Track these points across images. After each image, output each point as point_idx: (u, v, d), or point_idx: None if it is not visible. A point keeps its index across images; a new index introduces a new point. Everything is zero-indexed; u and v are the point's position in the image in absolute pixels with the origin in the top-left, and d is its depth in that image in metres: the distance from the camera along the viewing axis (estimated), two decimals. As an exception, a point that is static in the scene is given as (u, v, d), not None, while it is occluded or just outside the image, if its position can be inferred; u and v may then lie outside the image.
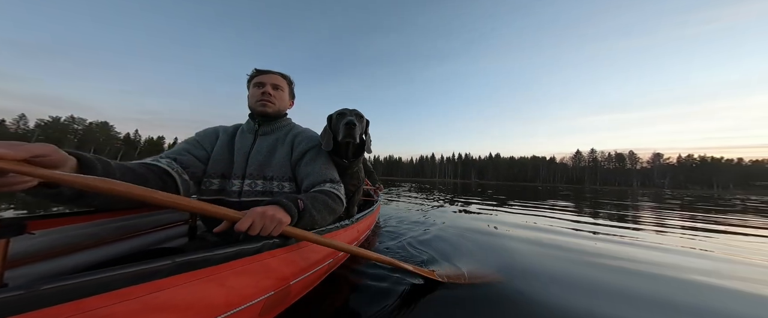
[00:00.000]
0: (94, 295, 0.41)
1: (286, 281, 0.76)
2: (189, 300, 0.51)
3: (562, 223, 3.48)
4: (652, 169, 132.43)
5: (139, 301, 0.45)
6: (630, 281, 1.46)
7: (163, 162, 0.92)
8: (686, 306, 1.20)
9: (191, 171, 0.99)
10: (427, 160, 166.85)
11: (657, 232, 3.12)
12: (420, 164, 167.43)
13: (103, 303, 0.41)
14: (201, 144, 1.08)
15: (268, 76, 1.12)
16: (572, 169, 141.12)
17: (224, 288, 0.58)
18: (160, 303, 0.47)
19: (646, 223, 3.80)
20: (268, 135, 1.14)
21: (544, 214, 4.36)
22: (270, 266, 0.71)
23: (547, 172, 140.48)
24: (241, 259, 0.63)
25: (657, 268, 1.69)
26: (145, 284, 0.46)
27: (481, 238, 2.31)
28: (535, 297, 1.18)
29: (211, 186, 1.03)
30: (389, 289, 1.17)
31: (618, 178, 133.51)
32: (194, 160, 1.02)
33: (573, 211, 4.90)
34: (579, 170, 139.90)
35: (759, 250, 2.39)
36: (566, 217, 4.11)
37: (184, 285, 0.51)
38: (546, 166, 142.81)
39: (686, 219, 4.52)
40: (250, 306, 0.63)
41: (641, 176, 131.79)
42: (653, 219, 4.35)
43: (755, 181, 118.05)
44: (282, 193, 1.04)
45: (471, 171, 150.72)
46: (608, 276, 1.52)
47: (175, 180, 0.92)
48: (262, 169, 1.06)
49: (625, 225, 3.52)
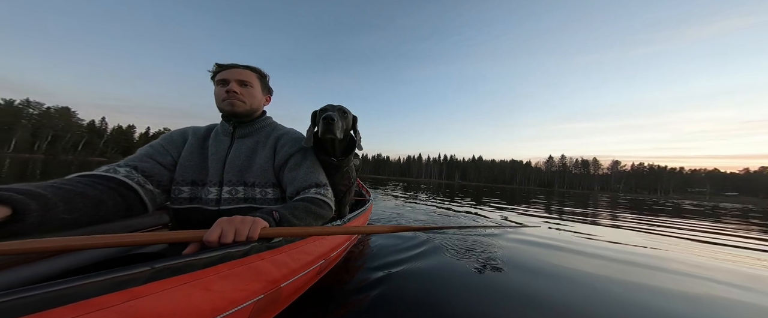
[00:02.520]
0: (63, 305, 0.38)
1: (277, 284, 0.73)
2: (171, 307, 0.48)
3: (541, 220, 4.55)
4: (611, 175, 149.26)
5: (114, 310, 0.41)
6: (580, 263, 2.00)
7: (122, 172, 0.83)
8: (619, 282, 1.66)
9: (156, 180, 0.90)
10: (414, 160, 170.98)
11: (613, 227, 4.31)
12: (407, 164, 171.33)
13: (73, 313, 0.38)
14: (166, 149, 0.98)
15: (232, 72, 0.99)
16: (545, 172, 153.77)
17: (210, 293, 0.55)
18: (138, 311, 0.44)
19: (604, 219, 5.23)
20: (247, 137, 1.05)
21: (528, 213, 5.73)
22: (259, 269, 0.68)
23: (523, 176, 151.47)
24: (228, 263, 0.60)
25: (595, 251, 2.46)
26: (120, 292, 0.43)
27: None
28: (524, 288, 1.41)
29: (180, 194, 0.94)
30: (384, 291, 1.18)
31: (582, 182, 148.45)
32: (158, 167, 0.92)
33: (551, 211, 6.26)
34: (550, 174, 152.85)
35: (676, 242, 3.30)
36: (541, 215, 5.44)
37: (165, 291, 0.48)
38: (522, 169, 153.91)
39: (633, 219, 5.91)
40: (239, 310, 0.60)
41: (602, 181, 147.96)
42: (609, 216, 5.95)
43: (690, 188, 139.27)
44: (265, 199, 0.99)
45: (455, 172, 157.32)
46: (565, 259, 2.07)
47: (137, 193, 0.83)
48: (242, 175, 0.98)
49: (588, 221, 4.80)
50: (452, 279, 1.42)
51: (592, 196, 24.66)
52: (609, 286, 1.59)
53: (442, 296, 1.20)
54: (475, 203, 7.22)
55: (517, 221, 4.43)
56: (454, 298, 1.20)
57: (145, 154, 0.93)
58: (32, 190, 0.59)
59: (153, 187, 0.88)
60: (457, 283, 1.38)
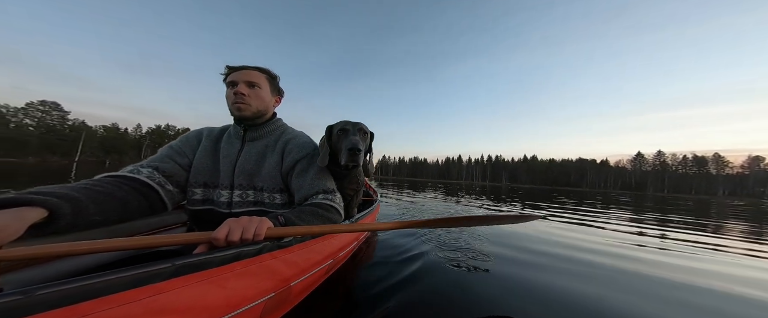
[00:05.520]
0: (92, 299, 0.40)
1: (287, 282, 0.75)
2: (189, 303, 0.50)
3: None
4: (749, 175, 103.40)
5: (139, 304, 0.44)
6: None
7: (144, 173, 0.85)
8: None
9: (176, 180, 0.92)
10: (453, 161, 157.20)
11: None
12: (446, 166, 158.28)
13: (101, 307, 0.40)
14: (182, 151, 0.99)
15: (241, 73, 0.97)
16: (632, 172, 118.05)
17: (224, 290, 0.57)
18: (160, 306, 0.46)
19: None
20: (257, 141, 1.03)
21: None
22: (270, 267, 0.69)
23: (596, 176, 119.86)
24: (242, 261, 0.62)
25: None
26: (144, 287, 0.45)
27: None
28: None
29: (194, 196, 0.95)
30: (390, 288, 1.18)
31: (696, 184, 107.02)
32: (177, 167, 0.94)
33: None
34: (640, 174, 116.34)
35: None
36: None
37: (184, 288, 0.50)
38: (595, 169, 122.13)
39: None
40: (251, 308, 0.62)
41: (731, 183, 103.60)
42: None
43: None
44: (273, 204, 0.98)
45: (502, 173, 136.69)
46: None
47: (158, 193, 0.86)
48: (251, 179, 0.97)
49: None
50: (461, 277, 1.40)
51: (719, 203, 18.26)
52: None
53: (451, 294, 1.19)
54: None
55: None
56: (463, 295, 1.18)
57: (165, 155, 0.95)
58: (67, 193, 0.62)
59: (172, 188, 0.91)
60: (467, 281, 1.35)
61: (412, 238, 2.06)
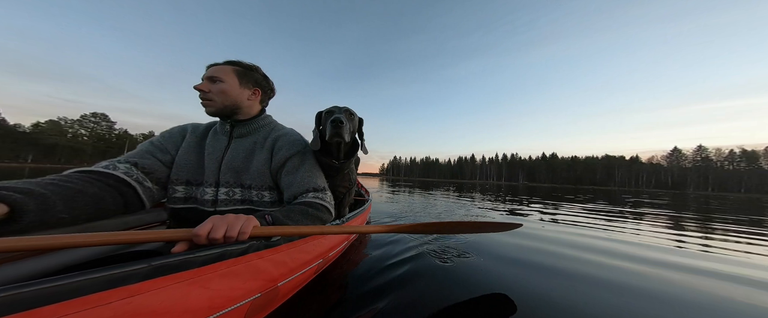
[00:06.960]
0: (60, 301, 0.38)
1: (274, 282, 0.73)
2: (167, 305, 0.48)
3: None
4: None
5: (110, 307, 0.42)
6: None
7: (121, 169, 0.80)
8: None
9: (155, 177, 0.87)
10: (465, 160, 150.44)
11: None
12: (458, 165, 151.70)
13: (70, 310, 0.38)
14: (164, 147, 0.94)
15: (207, 71, 0.94)
16: (667, 170, 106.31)
17: (207, 291, 0.55)
18: (135, 309, 0.44)
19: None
20: (245, 137, 1.00)
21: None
22: (257, 267, 0.67)
23: (626, 174, 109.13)
24: (226, 261, 0.59)
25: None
26: (117, 289, 0.43)
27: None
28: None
29: (175, 194, 0.91)
30: (379, 288, 1.18)
31: (744, 181, 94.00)
32: (158, 164, 0.89)
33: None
34: (678, 171, 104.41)
35: None
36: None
37: (162, 289, 0.48)
38: (625, 166, 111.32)
39: None
40: (235, 309, 0.60)
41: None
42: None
43: None
44: (262, 202, 0.96)
45: (518, 172, 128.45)
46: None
47: (135, 190, 0.81)
48: (238, 177, 0.94)
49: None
50: (449, 278, 1.37)
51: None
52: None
53: (439, 296, 1.18)
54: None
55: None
56: (450, 296, 1.17)
57: (145, 150, 0.90)
58: (32, 189, 0.59)
59: (152, 185, 0.86)
60: (455, 283, 1.32)
61: (405, 237, 2.01)
